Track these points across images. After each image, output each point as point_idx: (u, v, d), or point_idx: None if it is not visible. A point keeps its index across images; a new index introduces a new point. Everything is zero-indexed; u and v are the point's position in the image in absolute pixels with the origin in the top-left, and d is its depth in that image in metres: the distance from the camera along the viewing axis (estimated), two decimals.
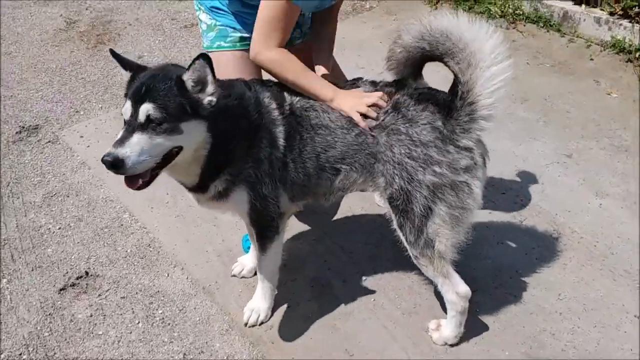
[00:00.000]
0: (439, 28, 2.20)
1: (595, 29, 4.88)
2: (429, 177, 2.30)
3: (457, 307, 2.51)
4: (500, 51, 2.16)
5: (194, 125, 2.14)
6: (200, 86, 2.13)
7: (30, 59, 5.15)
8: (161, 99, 2.07)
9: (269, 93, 2.45)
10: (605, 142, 3.80)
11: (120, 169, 2.02)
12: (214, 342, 2.70)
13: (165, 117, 2.06)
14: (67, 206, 3.52)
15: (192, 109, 2.12)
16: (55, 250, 3.23)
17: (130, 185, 2.13)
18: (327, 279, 2.97)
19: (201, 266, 3.08)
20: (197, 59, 2.07)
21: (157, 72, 2.17)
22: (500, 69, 2.17)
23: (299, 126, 2.44)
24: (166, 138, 2.08)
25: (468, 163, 2.30)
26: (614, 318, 2.71)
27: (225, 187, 2.39)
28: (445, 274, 2.46)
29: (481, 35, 2.16)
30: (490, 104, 2.22)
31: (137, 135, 2.05)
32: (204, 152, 2.24)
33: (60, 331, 2.79)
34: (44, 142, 4.05)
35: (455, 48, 2.19)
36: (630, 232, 3.14)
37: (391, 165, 2.36)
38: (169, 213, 3.43)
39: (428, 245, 2.39)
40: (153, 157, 2.08)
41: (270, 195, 2.45)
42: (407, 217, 2.37)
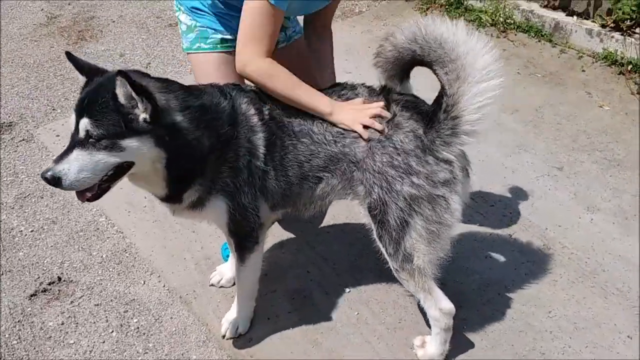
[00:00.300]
0: (434, 34, 2.12)
1: (587, 40, 4.83)
2: (406, 188, 2.21)
3: (441, 324, 2.42)
4: (492, 69, 2.08)
5: (135, 142, 2.00)
6: (134, 102, 1.98)
7: (8, 53, 4.99)
8: (99, 114, 1.96)
9: (246, 98, 2.32)
10: (597, 156, 3.73)
11: (58, 186, 1.97)
12: (191, 354, 2.59)
13: (102, 133, 1.96)
14: (41, 208, 3.38)
15: (127, 126, 1.98)
16: (27, 254, 3.09)
17: (79, 198, 2.09)
18: (309, 291, 2.86)
19: (178, 274, 2.96)
20: (117, 75, 1.92)
21: (101, 83, 2.04)
22: (490, 86, 2.09)
23: (280, 132, 2.33)
24: (108, 154, 1.98)
25: (447, 176, 2.22)
26: (606, 338, 2.63)
27: (200, 197, 2.27)
28: (427, 289, 2.36)
29: (476, 49, 2.07)
30: (475, 120, 2.14)
31: (77, 151, 1.97)
32: (160, 166, 2.10)
33: (29, 339, 2.66)
34: (18, 140, 3.90)
35: (447, 57, 2.11)
36: (621, 248, 3.07)
37: (370, 174, 2.27)
38: (147, 218, 3.30)
39: (407, 259, 2.30)
40: (95, 174, 2.00)
41: (250, 205, 2.33)
42: (384, 228, 2.29)
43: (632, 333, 2.64)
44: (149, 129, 2.01)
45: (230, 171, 2.24)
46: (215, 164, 2.22)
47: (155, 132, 2.02)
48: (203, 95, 2.23)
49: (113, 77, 1.97)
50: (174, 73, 4.73)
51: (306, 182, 2.39)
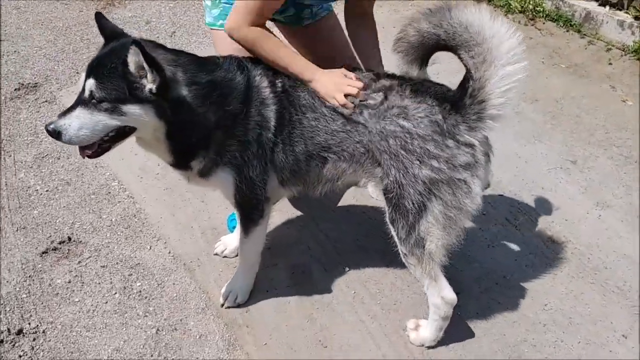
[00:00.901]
0: (460, 18, 2.11)
1: (617, 32, 4.72)
2: (425, 172, 2.20)
3: (440, 312, 2.44)
4: (517, 51, 2.07)
5: (137, 109, 2.06)
6: (144, 72, 2.03)
7: (38, 15, 5.09)
8: (105, 77, 2.02)
9: (260, 70, 2.35)
10: (613, 151, 3.68)
11: (58, 139, 2.08)
12: (189, 320, 2.66)
13: (104, 96, 2.03)
14: (57, 168, 3.47)
15: (132, 93, 2.03)
16: (41, 213, 3.19)
17: (80, 154, 2.19)
18: (309, 267, 2.91)
19: (184, 242, 3.03)
20: (131, 45, 1.96)
21: (114, 48, 2.10)
22: (516, 69, 2.08)
23: (290, 105, 2.35)
24: (108, 116, 2.05)
25: (468, 160, 2.20)
26: (600, 335, 2.62)
27: (208, 167, 2.32)
28: (433, 276, 2.38)
29: (501, 33, 2.07)
30: (501, 104, 2.14)
31: (79, 109, 2.06)
32: (161, 136, 2.16)
33: (38, 294, 2.76)
34: (41, 101, 4.00)
35: (473, 41, 2.10)
36: (627, 247, 3.04)
37: (388, 156, 2.27)
38: (158, 185, 3.37)
39: (418, 244, 2.30)
40: (94, 133, 2.08)
41: (257, 178, 2.37)
42: (399, 211, 2.29)
43: (628, 332, 2.63)
44: (152, 99, 2.06)
45: (239, 145, 2.28)
46: (223, 138, 2.26)
47: (157, 103, 2.07)
48: (217, 70, 2.26)
49: (126, 44, 2.02)
50: (198, 43, 4.77)
51: (312, 161, 2.41)
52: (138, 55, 1.97)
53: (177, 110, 2.12)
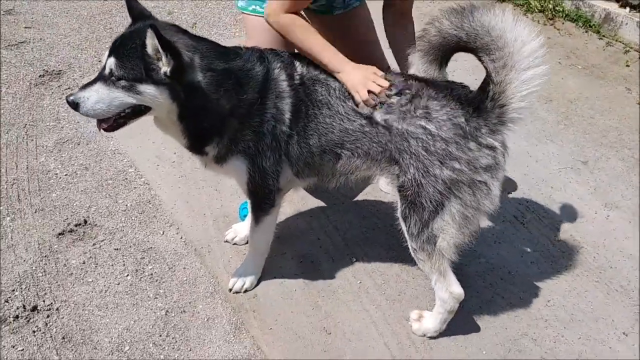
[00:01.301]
0: (482, 21, 2.12)
1: (637, 34, 4.71)
2: (446, 172, 2.23)
3: (447, 306, 2.49)
4: (539, 54, 2.09)
5: (151, 91, 2.15)
6: (160, 55, 2.11)
7: (64, 3, 5.21)
8: (124, 57, 2.13)
9: (280, 63, 2.40)
10: (624, 153, 3.69)
11: (77, 109, 2.18)
12: (197, 303, 2.74)
13: (123, 75, 2.13)
14: (77, 154, 3.57)
15: (148, 74, 2.13)
16: (59, 196, 3.29)
17: (97, 126, 2.29)
18: (317, 257, 2.97)
19: (196, 228, 3.11)
20: (148, 28, 2.05)
21: (135, 30, 2.20)
22: (537, 73, 2.10)
23: (307, 99, 2.39)
24: (125, 94, 2.16)
25: (489, 162, 2.23)
26: (601, 332, 2.66)
27: (223, 153, 2.40)
28: (441, 271, 2.42)
29: (523, 36, 2.08)
30: (522, 107, 2.17)
31: (99, 84, 2.17)
32: (174, 117, 2.25)
33: (53, 274, 2.85)
34: (64, 88, 4.10)
35: (494, 45, 2.11)
36: (633, 247, 3.06)
37: (408, 155, 2.29)
38: (174, 172, 3.45)
39: (430, 240, 2.34)
40: (110, 108, 2.18)
41: (270, 169, 2.43)
42: (414, 209, 2.32)
43: (629, 330, 2.66)
44: (167, 82, 2.14)
45: (254, 135, 2.34)
46: (238, 126, 2.33)
47: (172, 85, 2.16)
48: (236, 59, 2.32)
49: (147, 27, 2.10)
50: (218, 35, 4.85)
51: (325, 155, 2.45)
52: (154, 38, 2.05)
53: (191, 94, 2.20)
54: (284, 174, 2.50)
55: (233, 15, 5.16)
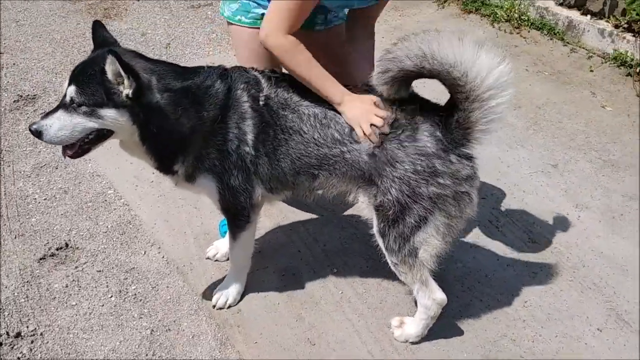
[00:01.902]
0: (442, 60, 2.08)
1: (598, 40, 4.87)
2: (432, 189, 2.26)
3: (430, 312, 2.54)
4: (501, 83, 2.09)
5: (112, 114, 2.21)
6: (121, 78, 2.17)
7: (37, 28, 5.22)
8: (84, 84, 2.18)
9: (244, 84, 2.41)
10: (592, 155, 3.81)
11: (40, 138, 2.24)
12: (182, 321, 2.76)
13: (84, 101, 2.18)
14: (55, 178, 3.58)
15: (109, 98, 2.19)
16: (39, 220, 3.29)
17: (62, 154, 2.35)
18: (298, 269, 3.02)
19: (178, 247, 3.14)
20: (108, 54, 2.11)
21: (94, 57, 2.26)
22: (500, 101, 2.13)
23: (274, 123, 2.38)
24: (86, 119, 2.22)
25: (469, 172, 2.28)
26: (576, 329, 2.74)
27: (191, 172, 2.44)
28: (423, 280, 2.46)
29: (484, 69, 2.06)
30: (485, 129, 2.22)
31: (60, 112, 2.22)
32: (137, 139, 2.31)
33: (36, 299, 2.86)
34: (40, 113, 4.10)
35: (456, 82, 2.12)
36: (604, 246, 3.16)
37: (389, 179, 2.30)
38: (153, 192, 3.48)
39: (412, 253, 2.38)
40: (73, 134, 2.24)
41: (240, 187, 2.46)
42: (395, 226, 2.34)
43: (602, 326, 2.75)
44: (127, 104, 2.21)
45: (218, 153, 2.39)
46: (202, 144, 2.37)
47: (132, 108, 2.22)
48: (194, 78, 2.37)
49: (105, 53, 2.17)
50: (192, 54, 4.90)
51: (300, 176, 2.47)
52: (115, 63, 2.12)
53: (150, 115, 2.26)
54: (256, 191, 2.52)
55: (206, 34, 5.21)
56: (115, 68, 2.13)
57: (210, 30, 5.28)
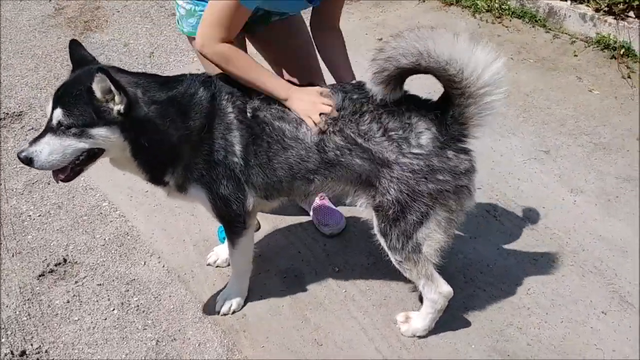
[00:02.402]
0: (438, 58, 2.07)
1: (580, 25, 4.90)
2: (431, 186, 2.26)
3: (437, 305, 2.55)
4: (496, 80, 2.10)
5: (103, 132, 2.18)
6: (110, 95, 2.14)
7: (17, 44, 5.16)
8: (71, 106, 2.14)
9: (228, 95, 2.39)
10: (583, 139, 3.84)
11: (31, 165, 2.19)
12: (187, 330, 2.75)
13: (72, 122, 2.14)
14: (48, 193, 3.55)
15: (99, 116, 2.15)
16: (35, 237, 3.26)
17: (54, 178, 2.30)
18: (300, 270, 3.02)
19: (177, 255, 3.12)
20: (97, 72, 2.08)
21: (77, 76, 2.23)
22: (495, 98, 2.14)
23: (264, 133, 2.37)
24: (76, 140, 2.17)
25: (467, 166, 2.29)
26: (581, 314, 2.76)
27: (182, 182, 2.43)
28: (428, 275, 2.47)
29: (479, 66, 2.07)
30: (479, 124, 2.24)
31: (49, 136, 2.17)
32: (128, 154, 2.28)
33: (38, 316, 2.83)
34: (27, 129, 4.07)
35: (452, 79, 2.12)
36: (602, 229, 3.19)
37: (387, 180, 2.31)
38: (148, 202, 3.46)
39: (415, 249, 2.38)
40: (65, 157, 2.19)
41: (231, 195, 2.45)
42: (396, 224, 2.34)
43: (607, 309, 2.77)
44: (118, 121, 2.18)
45: (205, 164, 2.37)
46: (189, 154, 2.35)
47: (122, 123, 2.19)
48: (177, 87, 2.35)
49: (89, 72, 2.16)
50: (177, 62, 4.87)
51: (297, 181, 2.46)
52: (105, 80, 2.08)
53: (140, 128, 2.23)
54: (249, 199, 2.50)
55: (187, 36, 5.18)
56: (105, 85, 2.10)
57: None
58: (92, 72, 2.12)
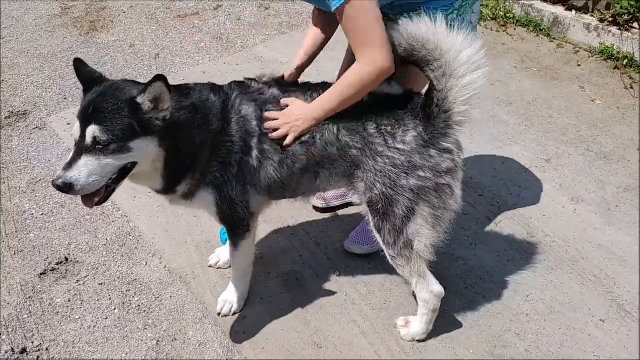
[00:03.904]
0: (416, 35, 2.21)
1: (584, 35, 4.93)
2: (413, 182, 2.32)
3: (430, 305, 2.57)
4: (476, 59, 2.19)
5: (143, 143, 2.13)
6: (155, 104, 2.12)
7: (24, 44, 5.19)
8: (108, 121, 2.06)
9: (250, 105, 2.41)
10: (584, 149, 3.86)
11: (71, 191, 2.07)
12: (188, 330, 2.76)
13: (112, 138, 2.06)
14: (51, 193, 3.56)
15: (142, 127, 2.11)
16: (37, 236, 3.28)
17: (86, 204, 2.19)
18: (301, 273, 3.03)
19: (179, 256, 3.14)
20: (155, 81, 2.06)
21: (105, 91, 2.14)
22: (475, 78, 2.21)
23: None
24: (115, 158, 2.10)
25: (450, 165, 2.33)
26: (579, 321, 2.77)
27: (192, 189, 2.44)
28: (421, 273, 2.50)
29: (457, 45, 2.18)
30: (464, 111, 2.28)
31: (85, 157, 2.07)
32: (160, 164, 2.25)
33: (39, 314, 2.84)
34: (32, 128, 4.10)
35: (431, 57, 2.21)
36: (602, 238, 3.20)
37: (372, 174, 2.38)
38: (151, 203, 3.48)
39: (407, 245, 2.42)
40: (103, 177, 2.11)
41: (237, 198, 2.47)
42: (387, 219, 2.40)
43: (605, 317, 2.78)
44: (157, 130, 2.15)
45: (220, 166, 2.39)
46: (208, 159, 2.37)
47: (161, 132, 2.16)
48: (192, 94, 2.37)
49: (120, 86, 2.16)
50: (182, 64, 4.90)
51: (306, 175, 2.50)
52: (162, 88, 2.07)
53: (174, 134, 2.22)
54: (253, 200, 2.53)
55: (195, 44, 5.22)
56: (159, 92, 2.08)
57: (199, 40, 5.28)
58: (121, 85, 2.15)
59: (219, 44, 5.22)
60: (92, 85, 2.20)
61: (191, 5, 5.86)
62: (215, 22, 5.59)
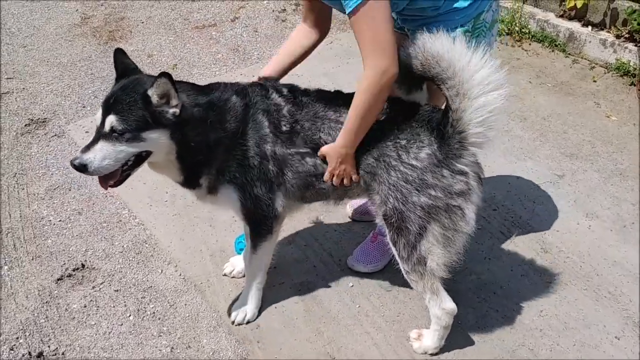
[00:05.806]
0: (431, 51, 2.20)
1: (600, 51, 4.93)
2: (423, 199, 2.32)
3: (442, 322, 2.57)
4: (491, 81, 2.15)
5: (155, 135, 2.28)
6: (165, 99, 2.25)
7: (44, 52, 5.27)
8: (125, 112, 2.24)
9: (265, 110, 2.47)
10: (599, 165, 3.85)
11: (85, 171, 2.26)
12: (201, 338, 2.78)
13: (126, 128, 2.23)
14: (69, 199, 3.61)
15: (154, 120, 2.26)
16: (54, 242, 3.32)
17: (102, 185, 2.37)
18: (315, 284, 3.05)
19: (194, 264, 3.17)
20: (160, 77, 2.19)
21: (127, 84, 2.32)
22: (490, 99, 2.17)
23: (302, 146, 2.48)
24: (129, 145, 2.27)
25: (462, 188, 2.32)
26: (593, 338, 2.76)
27: (213, 184, 2.51)
28: (434, 290, 2.50)
29: (472, 65, 2.14)
30: (480, 132, 2.24)
31: (102, 143, 2.26)
32: (172, 156, 2.38)
33: (55, 319, 2.88)
34: (51, 136, 4.16)
35: (444, 74, 2.20)
36: (617, 254, 3.19)
37: (386, 187, 2.40)
38: (167, 211, 3.51)
39: (420, 262, 2.42)
40: (117, 162, 2.29)
41: (263, 196, 2.52)
42: (401, 234, 2.41)
43: (620, 334, 2.77)
44: (169, 123, 2.28)
45: (239, 167, 2.45)
46: (223, 156, 2.45)
47: (173, 125, 2.29)
48: (213, 92, 2.47)
49: (140, 80, 2.31)
50: (199, 75, 4.95)
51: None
52: (167, 84, 2.20)
53: (185, 130, 2.33)
54: (278, 200, 2.57)
55: (212, 55, 5.27)
56: (165, 88, 2.21)
57: (216, 51, 5.34)
58: (143, 79, 2.30)
59: (235, 55, 5.28)
60: (123, 76, 2.40)
61: (209, 17, 5.93)
62: (232, 33, 5.65)
